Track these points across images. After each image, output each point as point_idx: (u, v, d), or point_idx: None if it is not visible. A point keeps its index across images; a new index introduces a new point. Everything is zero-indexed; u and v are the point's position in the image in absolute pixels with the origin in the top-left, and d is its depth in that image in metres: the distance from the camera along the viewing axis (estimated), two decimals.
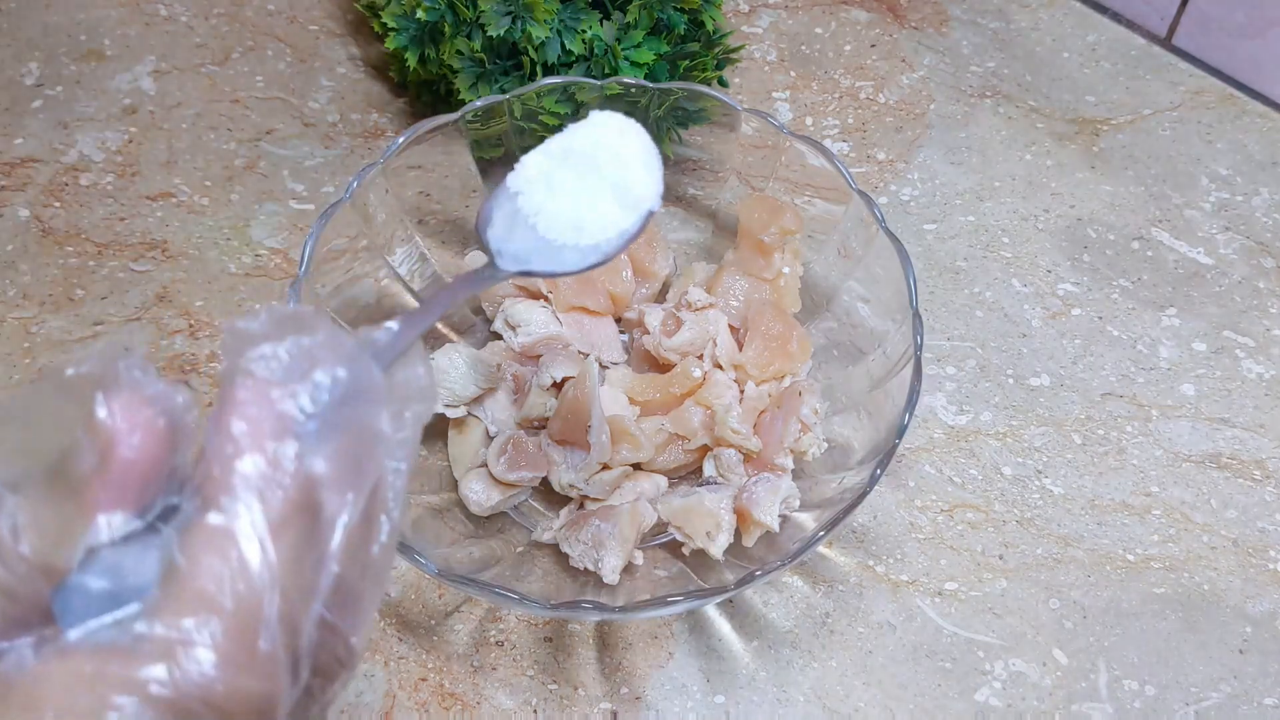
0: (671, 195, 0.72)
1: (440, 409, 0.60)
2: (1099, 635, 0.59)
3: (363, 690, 0.55)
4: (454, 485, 0.60)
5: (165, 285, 0.69)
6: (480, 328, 0.67)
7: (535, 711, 0.55)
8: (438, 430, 0.63)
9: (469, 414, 0.61)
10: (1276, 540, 0.62)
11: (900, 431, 0.52)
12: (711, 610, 0.59)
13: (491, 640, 0.57)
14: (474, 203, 0.68)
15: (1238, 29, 0.81)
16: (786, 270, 0.63)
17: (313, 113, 0.78)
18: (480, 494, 0.58)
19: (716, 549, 0.56)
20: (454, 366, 0.61)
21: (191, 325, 0.67)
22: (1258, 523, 0.63)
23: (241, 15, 0.83)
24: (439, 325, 0.66)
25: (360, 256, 0.62)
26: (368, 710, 0.55)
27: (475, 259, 0.65)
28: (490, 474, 0.59)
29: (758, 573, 0.50)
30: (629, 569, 0.58)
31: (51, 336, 0.67)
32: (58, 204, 0.72)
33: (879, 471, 0.51)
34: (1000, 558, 0.61)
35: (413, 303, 0.65)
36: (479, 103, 0.63)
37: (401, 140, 0.60)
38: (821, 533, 0.51)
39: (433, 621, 0.58)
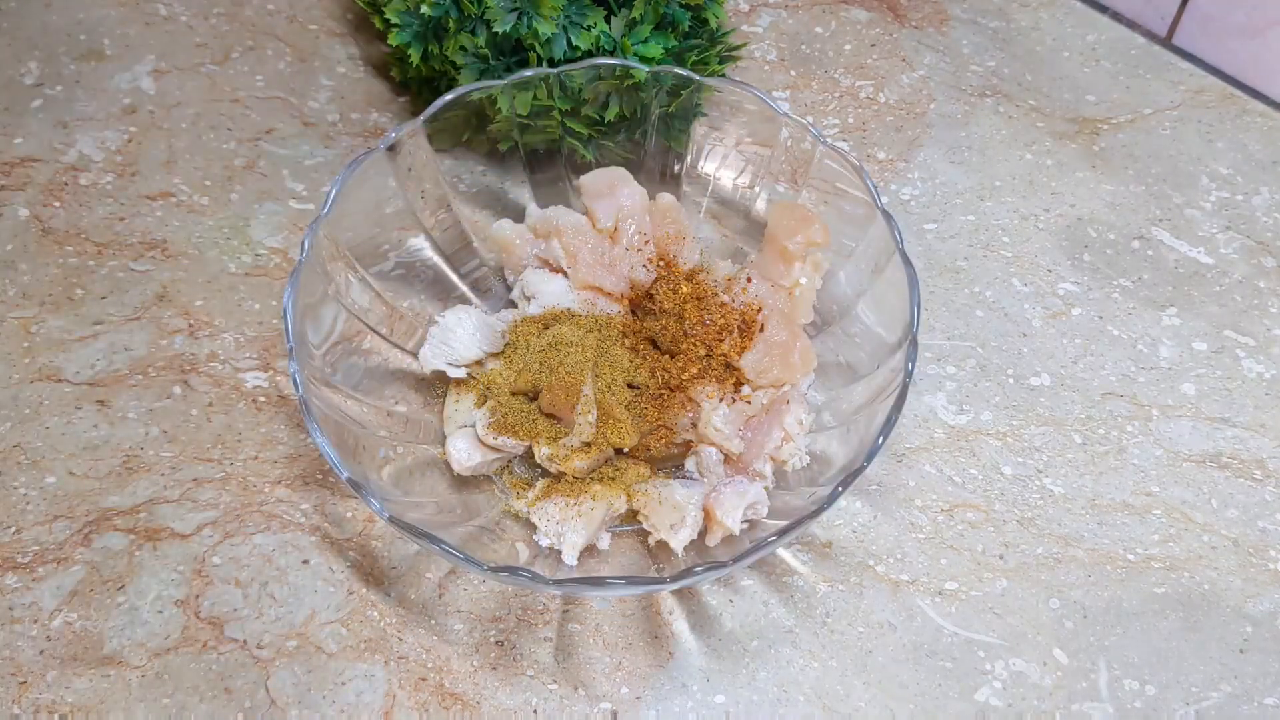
0: (713, 194, 0.72)
1: (442, 366, 0.61)
2: (1099, 635, 0.59)
3: (363, 690, 0.55)
4: (444, 441, 0.61)
5: (165, 285, 0.69)
6: (500, 292, 0.68)
7: (535, 711, 0.55)
8: (438, 388, 0.63)
9: (469, 375, 0.62)
10: (1277, 540, 0.62)
11: (870, 455, 0.52)
12: (712, 609, 0.59)
13: (491, 640, 0.57)
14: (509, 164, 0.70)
15: (1238, 28, 0.80)
16: (804, 281, 0.64)
17: (313, 112, 0.78)
18: (463, 453, 0.60)
19: (678, 542, 0.57)
20: (460, 326, 0.62)
21: (191, 325, 0.67)
22: (1258, 522, 0.63)
23: (241, 15, 0.83)
24: (459, 282, 0.68)
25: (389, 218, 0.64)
26: (368, 710, 0.55)
27: (500, 227, 0.66)
28: (476, 436, 0.60)
29: (697, 569, 0.51)
30: (592, 550, 0.59)
31: (51, 336, 0.67)
32: (57, 203, 0.72)
33: (839, 489, 0.52)
34: (1000, 557, 0.61)
35: (441, 264, 0.67)
36: (528, 72, 0.64)
37: (450, 97, 0.62)
38: (772, 538, 0.51)
39: (433, 621, 0.58)
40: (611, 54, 0.68)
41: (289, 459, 0.63)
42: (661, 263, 0.65)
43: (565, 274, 0.64)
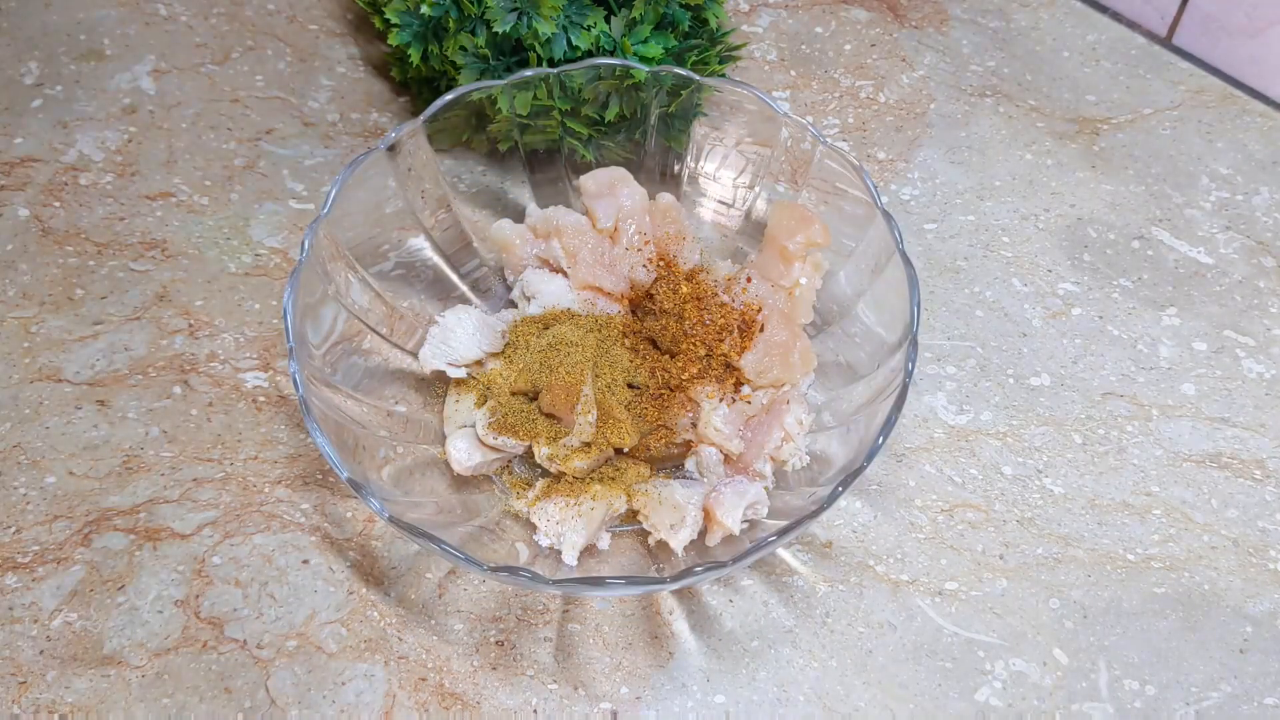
0: (713, 194, 0.72)
1: (442, 366, 0.61)
2: (1099, 635, 0.59)
3: (363, 690, 0.55)
4: (444, 441, 0.61)
5: (165, 285, 0.69)
6: (500, 292, 0.68)
7: (535, 711, 0.55)
8: (438, 388, 0.63)
9: (469, 375, 0.62)
10: (1277, 540, 0.62)
11: (870, 455, 0.52)
12: (712, 609, 0.59)
13: (491, 640, 0.57)
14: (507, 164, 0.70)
15: (1238, 28, 0.81)
16: (804, 281, 0.64)
17: (313, 112, 0.78)
18: (463, 453, 0.60)
19: (677, 542, 0.57)
20: (461, 326, 0.62)
21: (191, 325, 0.67)
22: (1258, 522, 0.63)
23: (241, 15, 0.83)
24: (459, 282, 0.68)
25: (389, 217, 0.64)
26: (368, 710, 0.55)
27: (500, 227, 0.66)
28: (476, 436, 0.60)
29: (697, 569, 0.51)
30: (592, 550, 0.59)
31: (51, 336, 0.67)
32: (57, 203, 0.72)
33: (839, 489, 0.52)
34: (1000, 557, 0.61)
35: (441, 264, 0.67)
36: (528, 72, 0.64)
37: (450, 97, 0.62)
38: (772, 538, 0.51)
39: (433, 621, 0.58)
40: (611, 54, 0.68)
41: (289, 459, 0.63)
42: (661, 263, 0.65)
43: (565, 274, 0.64)
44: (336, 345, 0.60)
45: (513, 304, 0.66)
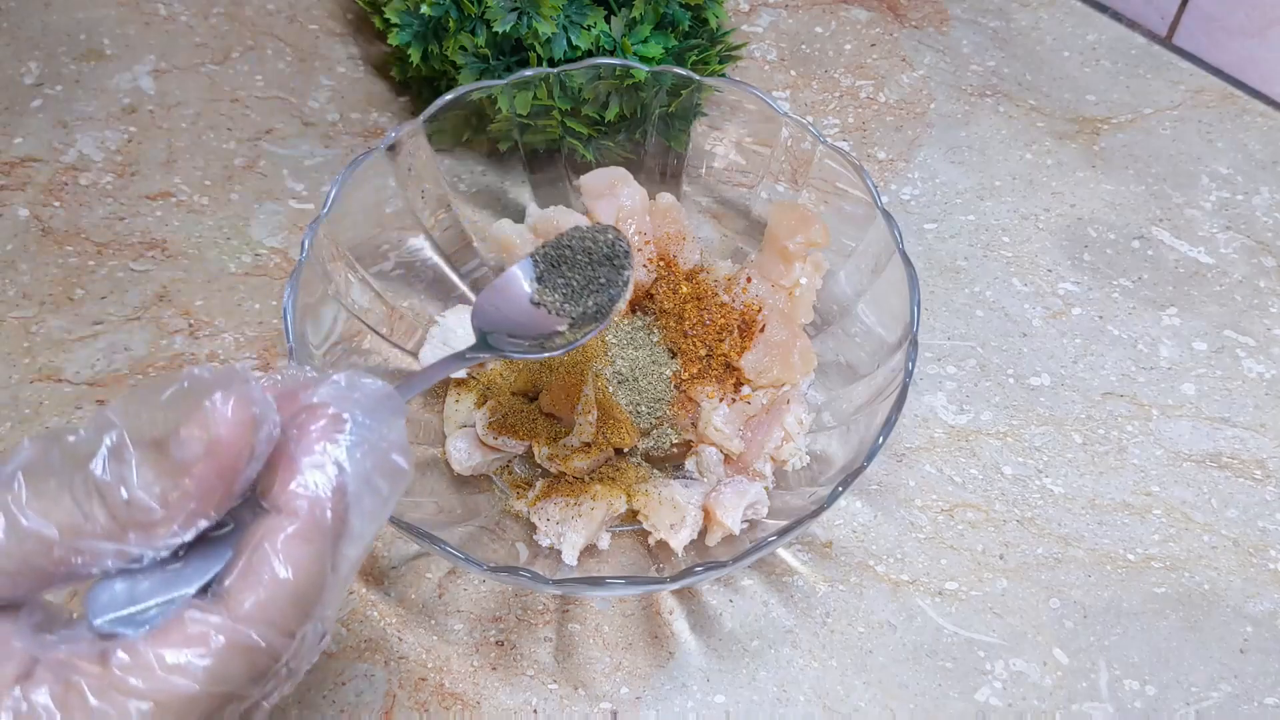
0: (713, 194, 0.72)
1: None
2: (1099, 635, 0.59)
3: (363, 690, 0.55)
4: (444, 441, 0.61)
5: (165, 285, 0.69)
6: None
7: (535, 711, 0.55)
8: (438, 388, 0.64)
9: (470, 375, 0.62)
10: (1277, 540, 0.62)
11: (870, 455, 0.52)
12: (712, 609, 0.59)
13: (491, 640, 0.57)
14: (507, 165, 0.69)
15: (1238, 28, 0.80)
16: (804, 281, 0.64)
17: (313, 112, 0.78)
18: (463, 453, 0.60)
19: (677, 542, 0.57)
20: (461, 326, 0.62)
21: (191, 325, 0.67)
22: (1258, 522, 0.63)
23: (241, 15, 0.83)
24: (459, 282, 0.68)
25: (390, 218, 0.64)
26: (368, 710, 0.55)
27: (500, 227, 0.66)
28: (476, 436, 0.60)
29: (697, 569, 0.51)
30: (592, 550, 0.59)
31: (51, 336, 0.67)
32: (57, 203, 0.72)
33: (839, 489, 0.52)
34: (1000, 557, 0.61)
35: (441, 264, 0.67)
36: (528, 72, 0.64)
37: (450, 97, 0.62)
38: (772, 538, 0.51)
39: (433, 621, 0.58)
40: (611, 54, 0.68)
41: None
42: (661, 263, 0.65)
43: None
44: (336, 345, 0.59)
45: None
